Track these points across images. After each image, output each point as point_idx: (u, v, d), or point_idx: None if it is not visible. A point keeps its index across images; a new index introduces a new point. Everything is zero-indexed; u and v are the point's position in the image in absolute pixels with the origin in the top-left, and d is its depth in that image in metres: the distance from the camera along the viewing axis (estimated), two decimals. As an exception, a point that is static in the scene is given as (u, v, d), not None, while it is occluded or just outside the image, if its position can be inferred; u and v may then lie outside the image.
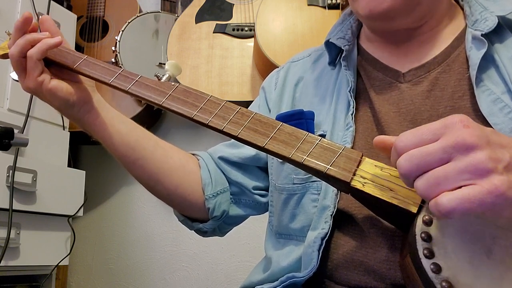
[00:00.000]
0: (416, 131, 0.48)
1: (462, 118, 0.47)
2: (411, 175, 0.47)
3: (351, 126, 0.73)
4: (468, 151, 0.44)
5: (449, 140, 0.45)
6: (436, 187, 0.45)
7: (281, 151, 0.59)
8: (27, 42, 0.71)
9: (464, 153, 0.45)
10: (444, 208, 0.43)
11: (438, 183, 0.45)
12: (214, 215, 0.84)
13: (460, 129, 0.45)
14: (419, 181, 0.46)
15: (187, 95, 0.68)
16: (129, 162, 0.81)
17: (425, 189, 0.46)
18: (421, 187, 0.46)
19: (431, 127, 0.47)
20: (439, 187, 0.45)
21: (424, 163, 0.46)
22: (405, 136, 0.48)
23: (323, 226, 0.68)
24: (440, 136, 0.46)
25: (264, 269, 0.79)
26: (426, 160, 0.46)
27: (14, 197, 1.46)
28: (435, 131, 0.47)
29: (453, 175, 0.44)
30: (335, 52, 0.82)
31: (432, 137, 0.46)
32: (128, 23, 1.86)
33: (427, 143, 0.46)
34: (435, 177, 0.45)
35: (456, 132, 0.45)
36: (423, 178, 0.46)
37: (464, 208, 0.43)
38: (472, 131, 0.45)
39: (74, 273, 2.02)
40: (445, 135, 0.46)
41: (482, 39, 0.69)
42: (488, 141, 0.45)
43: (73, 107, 0.75)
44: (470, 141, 0.45)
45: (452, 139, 0.45)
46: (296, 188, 0.75)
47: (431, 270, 0.47)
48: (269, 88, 0.91)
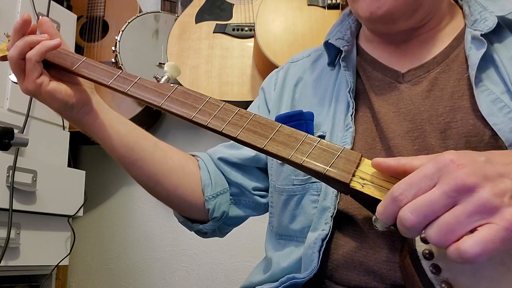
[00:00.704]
0: (411, 179, 0.47)
1: (452, 157, 0.46)
2: (419, 226, 0.45)
3: (350, 127, 0.73)
4: (471, 192, 0.44)
5: (448, 185, 0.44)
6: (451, 233, 0.44)
7: (280, 152, 0.59)
8: (26, 44, 0.71)
9: (467, 195, 0.44)
10: (469, 254, 0.42)
11: (452, 230, 0.44)
12: (214, 216, 0.84)
13: (455, 171, 0.45)
14: (430, 230, 0.45)
15: (186, 97, 0.68)
16: (129, 163, 0.81)
17: (439, 237, 0.44)
18: (435, 236, 0.44)
19: (425, 173, 0.46)
20: (454, 232, 0.44)
21: (431, 212, 0.45)
22: (401, 187, 0.47)
23: (323, 227, 0.68)
24: (437, 180, 0.45)
25: (264, 270, 0.79)
26: (432, 208, 0.44)
27: (14, 197, 1.46)
28: (430, 177, 0.46)
29: (464, 218, 0.44)
30: (334, 52, 0.82)
31: (429, 183, 0.46)
32: (128, 23, 1.86)
33: (425, 190, 0.46)
34: (447, 224, 0.44)
35: (452, 174, 0.45)
36: (434, 227, 0.45)
37: (488, 250, 0.42)
38: (468, 170, 0.45)
39: (74, 273, 2.02)
40: (442, 179, 0.45)
41: (481, 39, 0.69)
42: (486, 176, 0.45)
43: (72, 109, 0.74)
44: (469, 182, 0.44)
45: (451, 183, 0.44)
46: (296, 189, 0.75)
47: (431, 271, 0.47)
48: (268, 88, 0.91)
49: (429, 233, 0.45)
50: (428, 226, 0.45)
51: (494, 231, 0.43)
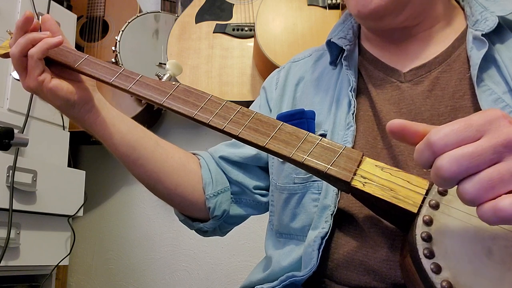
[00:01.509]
0: (456, 126, 0.43)
1: (505, 114, 0.43)
2: (458, 178, 0.42)
3: (352, 126, 0.73)
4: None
5: (498, 138, 0.42)
6: (491, 190, 0.41)
7: (282, 150, 0.59)
8: (28, 41, 0.71)
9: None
10: (506, 213, 0.40)
11: (493, 186, 0.41)
12: (214, 214, 0.84)
13: (507, 126, 0.42)
14: (468, 184, 0.42)
15: (188, 95, 0.68)
16: (130, 162, 0.81)
17: (477, 192, 0.41)
18: (473, 191, 0.41)
19: (473, 122, 0.43)
20: (494, 190, 0.41)
21: (474, 165, 0.41)
22: (443, 132, 0.43)
23: (324, 226, 0.68)
24: (484, 133, 0.42)
25: (264, 269, 0.79)
26: (476, 161, 0.41)
27: (14, 197, 1.46)
28: (478, 127, 0.43)
29: (509, 176, 0.41)
30: (336, 51, 0.82)
31: (476, 134, 0.42)
32: (128, 23, 1.86)
33: (470, 141, 0.42)
34: (489, 179, 0.41)
35: (503, 129, 0.42)
36: (473, 181, 0.41)
37: None
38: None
39: (74, 273, 2.02)
40: (491, 132, 0.42)
41: (482, 39, 0.69)
42: None
43: (74, 107, 0.75)
44: None
45: (502, 137, 0.42)
46: (297, 188, 0.75)
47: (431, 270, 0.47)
48: (270, 88, 0.91)
49: (466, 187, 0.42)
50: (465, 179, 0.42)
51: None
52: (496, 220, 0.41)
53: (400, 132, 0.48)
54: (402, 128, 0.48)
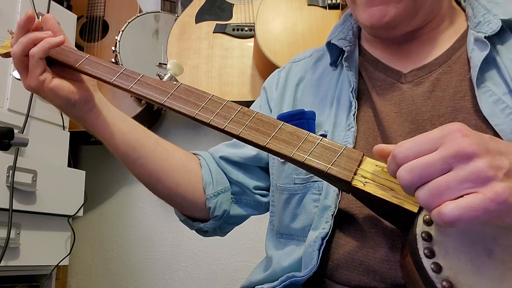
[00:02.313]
0: (415, 140, 0.48)
1: (460, 127, 0.47)
2: (413, 186, 0.47)
3: (352, 127, 0.73)
4: (468, 160, 0.45)
5: (449, 149, 0.45)
6: (439, 197, 0.45)
7: (282, 150, 0.59)
8: (29, 40, 0.71)
9: (464, 162, 0.45)
10: (448, 217, 0.43)
11: (441, 193, 0.45)
12: (215, 214, 0.84)
13: (459, 138, 0.45)
14: (420, 191, 0.46)
15: (188, 94, 0.68)
16: (130, 161, 0.81)
17: (427, 199, 0.46)
18: (423, 197, 0.46)
19: (430, 136, 0.47)
20: (442, 197, 0.45)
21: (425, 174, 0.46)
22: (403, 146, 0.48)
23: (324, 226, 0.68)
24: (439, 145, 0.46)
25: (264, 269, 0.79)
26: (427, 170, 0.46)
27: (14, 197, 1.46)
28: (434, 141, 0.47)
29: (455, 184, 0.44)
30: (337, 52, 0.82)
31: (432, 147, 0.46)
32: (128, 23, 1.86)
33: (426, 153, 0.46)
34: (437, 187, 0.45)
35: (455, 141, 0.45)
36: (424, 189, 0.46)
37: (468, 216, 0.43)
38: (471, 140, 0.45)
39: (74, 273, 2.02)
40: (444, 144, 0.46)
41: (485, 41, 0.69)
42: (487, 149, 0.45)
43: (75, 106, 0.74)
44: (469, 150, 0.45)
45: (452, 148, 0.45)
46: (297, 188, 0.75)
47: (432, 270, 0.47)
48: (270, 88, 0.91)
49: (419, 193, 0.46)
50: (420, 187, 0.46)
51: (479, 200, 0.43)
52: (443, 224, 0.45)
53: (379, 155, 0.54)
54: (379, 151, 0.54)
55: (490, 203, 0.43)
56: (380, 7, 0.71)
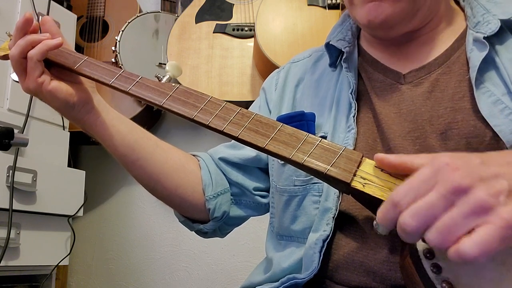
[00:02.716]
0: (409, 185, 0.47)
1: (448, 160, 0.47)
2: (419, 230, 0.46)
3: (353, 128, 0.73)
4: (467, 194, 0.45)
5: (445, 187, 0.45)
6: (449, 235, 0.44)
7: (282, 151, 0.59)
8: (27, 43, 0.70)
9: (463, 196, 0.45)
10: (470, 255, 0.43)
11: (450, 231, 0.44)
12: (214, 216, 0.84)
13: (450, 174, 0.45)
14: (430, 234, 0.45)
15: (187, 96, 0.68)
16: (129, 163, 0.81)
17: (439, 240, 0.45)
18: (435, 239, 0.45)
19: (422, 178, 0.47)
20: (452, 234, 0.44)
21: (430, 215, 0.45)
22: (400, 192, 0.47)
23: (325, 228, 0.68)
24: (434, 184, 0.46)
25: (265, 270, 0.79)
26: (430, 212, 0.45)
27: (14, 197, 1.46)
28: (428, 181, 0.46)
29: (461, 220, 0.44)
30: (336, 53, 0.82)
31: (427, 187, 0.46)
32: (128, 23, 1.86)
33: (423, 194, 0.46)
34: (445, 226, 0.45)
35: (448, 177, 0.45)
36: (433, 230, 0.45)
37: (488, 249, 0.43)
38: (462, 173, 0.45)
39: (74, 273, 2.02)
40: (439, 182, 0.46)
41: (484, 42, 0.69)
42: (481, 178, 0.45)
43: (73, 108, 0.74)
44: (464, 184, 0.45)
45: (447, 186, 0.45)
46: (297, 190, 0.75)
47: (432, 271, 0.47)
48: (269, 89, 0.91)
49: (429, 236, 0.45)
50: (427, 230, 0.46)
51: (492, 231, 0.43)
52: (464, 262, 0.44)
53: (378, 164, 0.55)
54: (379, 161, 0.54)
55: (503, 231, 0.43)
56: (376, 2, 0.70)
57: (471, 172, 0.46)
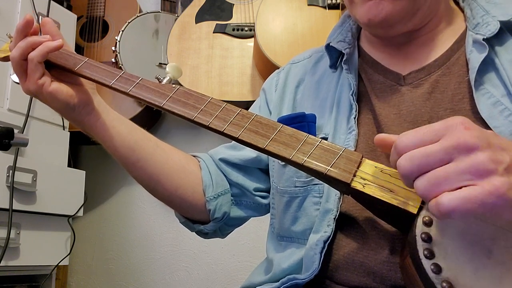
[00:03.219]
0: (417, 131, 0.48)
1: (463, 120, 0.47)
2: (412, 175, 0.47)
3: (353, 130, 0.73)
4: (469, 152, 0.45)
5: (450, 141, 0.45)
6: (437, 187, 0.45)
7: (282, 152, 0.59)
8: (28, 44, 0.71)
9: (465, 154, 0.45)
10: (445, 208, 0.44)
11: (439, 183, 0.45)
12: (215, 216, 0.84)
13: (461, 131, 0.46)
14: (419, 181, 0.46)
15: (187, 97, 0.68)
16: (130, 164, 0.81)
17: (425, 189, 0.46)
18: (421, 187, 0.46)
19: (432, 128, 0.47)
20: (440, 187, 0.45)
21: (425, 164, 0.46)
22: (405, 136, 0.48)
23: (326, 229, 0.68)
24: (441, 137, 0.46)
25: (265, 271, 0.80)
26: (427, 160, 0.46)
27: (14, 197, 1.46)
28: (436, 132, 0.47)
29: (454, 175, 0.44)
30: (336, 55, 0.82)
31: (433, 138, 0.47)
32: (128, 23, 1.86)
33: (428, 143, 0.47)
34: (436, 177, 0.45)
35: (457, 133, 0.46)
36: (423, 178, 0.46)
37: (465, 208, 0.43)
38: (473, 133, 0.45)
39: (74, 273, 2.02)
40: (446, 136, 0.46)
41: (483, 43, 0.69)
42: (489, 143, 0.45)
43: (74, 110, 0.75)
44: (471, 142, 0.45)
45: (453, 140, 0.45)
46: (298, 191, 0.75)
47: (432, 271, 0.47)
48: (269, 89, 0.91)
49: (417, 183, 0.46)
50: (419, 177, 0.46)
51: (477, 192, 0.43)
52: (439, 215, 0.45)
53: (381, 145, 0.54)
54: (381, 141, 0.54)
55: (487, 196, 0.43)
56: (376, 0, 0.70)
57: (481, 135, 0.46)
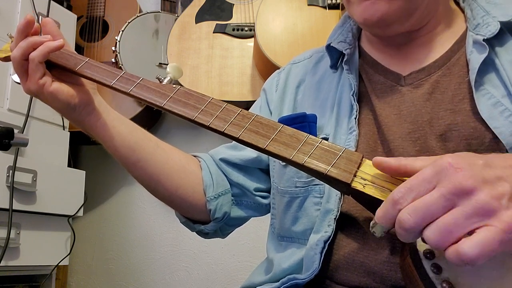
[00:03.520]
0: (410, 183, 0.47)
1: (451, 161, 0.46)
2: (418, 228, 0.46)
3: (354, 130, 0.73)
4: (469, 195, 0.44)
5: (447, 187, 0.45)
6: (449, 235, 0.44)
7: (282, 152, 0.59)
8: (29, 44, 0.71)
9: (465, 198, 0.44)
10: (468, 256, 0.43)
11: (450, 231, 0.44)
12: (215, 216, 0.84)
13: (453, 174, 0.45)
14: (429, 232, 0.45)
15: (188, 97, 0.68)
16: (130, 164, 0.81)
17: (438, 239, 0.44)
18: (434, 237, 0.45)
19: (424, 177, 0.47)
20: (452, 234, 0.44)
21: (429, 214, 0.45)
22: (401, 190, 0.47)
23: (326, 230, 0.68)
24: (435, 184, 0.46)
25: (266, 271, 0.80)
26: (430, 210, 0.45)
27: (14, 197, 1.46)
28: (429, 180, 0.46)
29: (463, 220, 0.44)
30: (337, 55, 0.82)
31: (428, 186, 0.46)
32: (128, 23, 1.86)
33: (423, 194, 0.46)
34: (445, 225, 0.44)
35: (450, 178, 0.45)
36: (432, 228, 0.45)
37: (487, 251, 0.43)
38: (466, 173, 0.45)
39: (74, 273, 2.02)
40: (441, 182, 0.45)
41: (483, 44, 0.69)
42: (484, 179, 0.45)
43: (75, 110, 0.75)
44: (467, 185, 0.44)
45: (449, 186, 0.45)
46: (299, 191, 0.75)
47: (432, 271, 0.47)
48: (270, 90, 0.91)
49: (428, 234, 0.45)
50: (426, 228, 0.45)
51: (493, 233, 0.43)
52: (462, 263, 0.44)
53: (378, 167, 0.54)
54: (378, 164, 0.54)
55: (504, 235, 0.43)
56: (372, 0, 0.70)
57: (474, 173, 0.45)
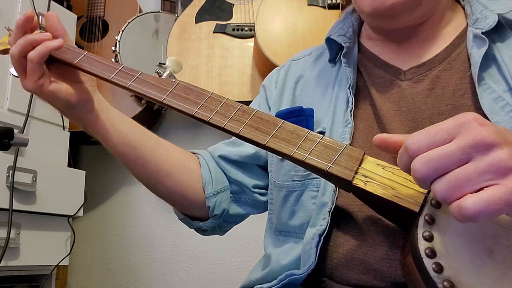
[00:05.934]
0: (428, 131, 0.45)
1: (476, 116, 0.44)
2: (429, 178, 0.44)
3: (349, 123, 0.73)
4: (488, 150, 0.42)
5: (467, 139, 0.43)
6: (458, 189, 0.42)
7: (283, 149, 0.59)
8: (27, 42, 0.70)
9: (484, 153, 0.42)
10: (469, 212, 0.41)
11: (460, 185, 0.42)
12: (214, 213, 0.84)
13: (476, 128, 0.43)
14: (438, 184, 0.44)
15: (188, 92, 0.67)
16: (130, 161, 0.81)
17: (446, 192, 0.43)
18: (441, 190, 0.43)
19: (444, 126, 0.45)
20: (461, 189, 0.42)
21: (442, 166, 0.43)
22: (416, 137, 0.45)
23: (321, 223, 0.68)
24: (455, 135, 0.44)
25: (263, 267, 0.79)
26: (444, 162, 0.43)
27: (14, 197, 1.46)
28: (449, 131, 0.44)
29: (475, 176, 0.42)
30: (336, 49, 0.82)
31: (447, 137, 0.44)
32: (128, 23, 1.86)
33: (441, 144, 0.44)
34: (456, 179, 0.42)
35: (472, 131, 0.43)
36: (442, 181, 0.43)
37: (490, 210, 0.41)
38: (489, 129, 0.43)
39: (74, 273, 2.02)
40: (461, 134, 0.44)
41: (483, 37, 0.69)
42: (506, 139, 0.43)
43: (74, 108, 0.74)
44: (489, 140, 0.42)
45: (470, 138, 0.43)
46: (296, 185, 0.75)
47: (433, 270, 0.47)
48: (269, 86, 0.91)
49: (436, 187, 0.44)
50: (437, 179, 0.44)
51: (501, 193, 0.41)
52: (462, 219, 0.42)
53: (381, 145, 0.52)
54: (383, 141, 0.51)
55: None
56: None
57: (498, 131, 0.44)
